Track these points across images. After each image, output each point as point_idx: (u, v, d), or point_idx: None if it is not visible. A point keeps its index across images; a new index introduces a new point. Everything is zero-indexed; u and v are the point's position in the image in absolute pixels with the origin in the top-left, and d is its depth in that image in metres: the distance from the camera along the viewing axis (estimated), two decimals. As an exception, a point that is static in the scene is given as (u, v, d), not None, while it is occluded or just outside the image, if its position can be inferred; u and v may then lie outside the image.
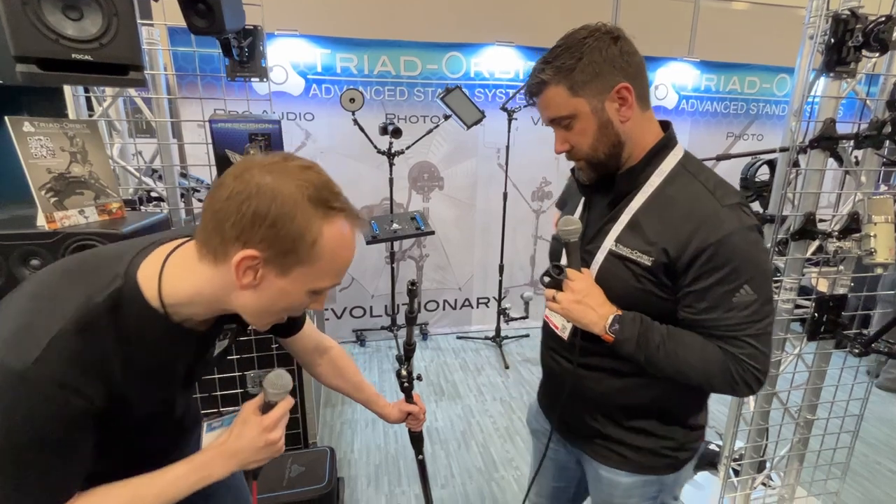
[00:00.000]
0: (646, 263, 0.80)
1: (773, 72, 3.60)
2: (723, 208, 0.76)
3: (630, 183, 0.84)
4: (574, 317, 0.84)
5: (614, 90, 0.78)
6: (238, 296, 0.61)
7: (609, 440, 0.94)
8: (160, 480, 0.65)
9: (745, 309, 0.76)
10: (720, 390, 0.81)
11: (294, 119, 2.86)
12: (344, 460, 2.13)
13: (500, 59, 3.08)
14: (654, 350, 0.80)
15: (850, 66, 1.35)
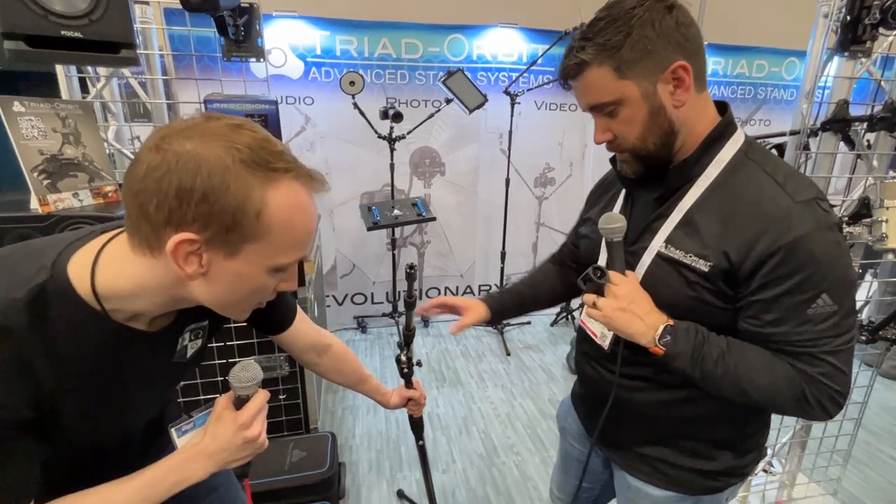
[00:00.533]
0: (702, 269, 0.69)
1: (783, 55, 3.52)
2: (795, 204, 0.64)
3: (683, 176, 0.73)
4: (617, 326, 0.74)
5: (669, 70, 0.67)
6: (192, 287, 0.54)
7: (647, 455, 0.85)
8: (133, 484, 0.59)
9: (822, 322, 0.65)
10: (789, 412, 0.70)
11: (293, 103, 2.81)
12: (345, 446, 2.14)
13: (503, 42, 3.02)
14: (711, 366, 0.69)
15: (866, 45, 1.31)
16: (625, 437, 0.88)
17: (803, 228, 0.63)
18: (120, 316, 0.56)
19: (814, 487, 1.89)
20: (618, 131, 0.72)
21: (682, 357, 0.70)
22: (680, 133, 0.71)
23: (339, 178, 3.00)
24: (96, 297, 0.53)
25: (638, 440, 0.86)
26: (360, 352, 3.00)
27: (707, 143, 0.72)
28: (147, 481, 0.60)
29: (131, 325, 0.58)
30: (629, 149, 0.74)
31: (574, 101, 3.31)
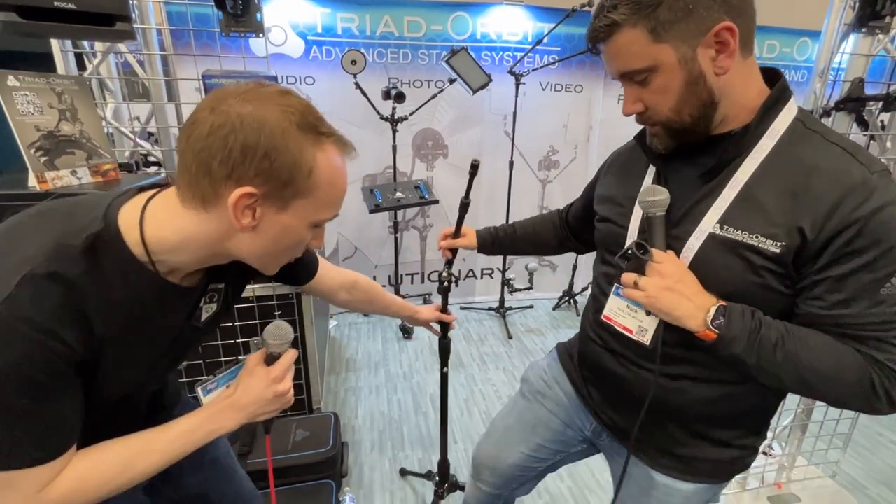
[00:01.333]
0: (772, 251, 0.62)
1: (795, 35, 3.43)
2: (873, 175, 0.59)
3: (738, 147, 0.65)
4: (662, 307, 0.67)
5: (712, 32, 0.60)
6: (238, 240, 0.57)
7: (674, 449, 0.81)
8: (168, 434, 0.63)
9: (894, 304, 0.59)
10: (851, 405, 0.64)
11: (294, 83, 2.77)
12: (348, 426, 2.16)
13: (508, 20, 2.94)
14: (769, 352, 0.63)
15: (885, 21, 1.26)
16: (655, 436, 0.82)
17: (882, 200, 0.58)
18: (161, 269, 0.58)
19: (813, 470, 1.91)
20: (650, 102, 0.66)
21: (738, 341, 0.63)
22: (721, 104, 0.64)
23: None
24: (145, 248, 0.56)
25: (670, 440, 0.81)
26: (363, 335, 3.02)
27: (767, 107, 0.65)
28: (182, 431, 0.64)
29: (168, 279, 0.60)
30: (662, 121, 0.67)
31: (580, 82, 3.27)
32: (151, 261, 0.57)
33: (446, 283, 1.20)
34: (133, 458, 0.61)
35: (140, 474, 0.61)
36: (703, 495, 0.84)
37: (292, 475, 1.60)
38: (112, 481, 0.59)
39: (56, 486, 0.55)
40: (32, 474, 0.53)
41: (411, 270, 3.38)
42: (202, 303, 0.70)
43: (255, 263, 0.62)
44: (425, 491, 1.78)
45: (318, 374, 1.96)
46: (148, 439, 0.62)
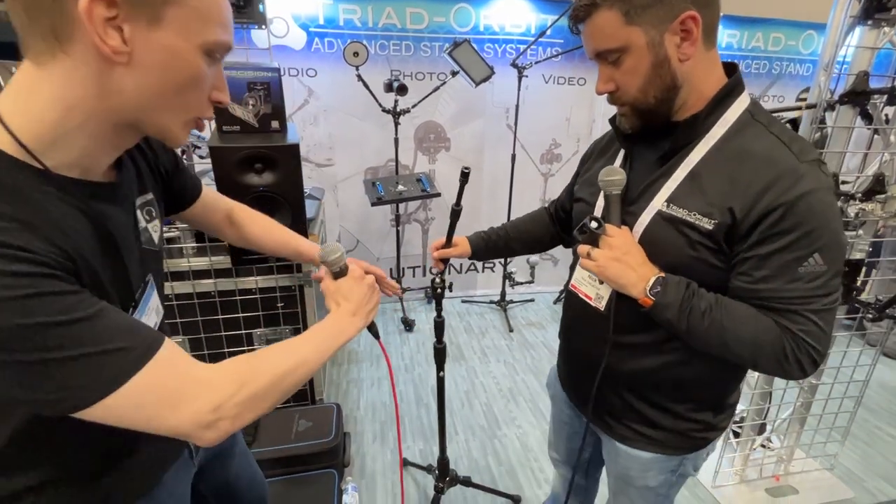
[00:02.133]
0: (706, 227, 0.69)
1: (801, 28, 3.40)
2: (802, 164, 0.65)
3: (691, 133, 0.72)
4: (610, 275, 0.74)
5: (678, 20, 0.66)
6: (121, 84, 0.46)
7: (632, 420, 0.88)
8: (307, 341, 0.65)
9: (812, 280, 0.66)
10: (767, 369, 0.71)
11: (296, 75, 2.76)
12: (350, 417, 2.18)
13: (511, 12, 2.92)
14: (698, 318, 0.70)
15: (892, 13, 1.25)
16: (614, 406, 0.90)
17: (807, 186, 0.64)
18: (55, 166, 0.48)
19: (811, 462, 1.92)
20: (620, 82, 0.71)
21: (671, 308, 0.71)
22: (682, 89, 0.70)
23: (343, 152, 2.97)
24: (22, 146, 0.45)
25: (626, 408, 0.88)
26: (365, 327, 3.03)
27: (717, 100, 0.71)
28: (311, 330, 0.67)
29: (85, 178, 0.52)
30: (630, 101, 0.73)
31: (583, 75, 3.25)
32: (40, 162, 0.46)
33: (439, 290, 1.20)
34: (268, 359, 0.59)
35: (304, 373, 0.61)
36: (666, 464, 0.89)
37: (295, 465, 1.62)
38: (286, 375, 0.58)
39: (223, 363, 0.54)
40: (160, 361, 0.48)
41: (413, 263, 3.38)
42: (143, 221, 0.64)
43: (155, 120, 0.51)
44: (426, 482, 1.80)
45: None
46: (279, 345, 0.63)
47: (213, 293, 1.72)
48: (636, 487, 0.93)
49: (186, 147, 1.83)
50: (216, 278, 1.71)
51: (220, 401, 0.51)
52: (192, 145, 1.86)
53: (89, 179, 0.53)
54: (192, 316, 1.72)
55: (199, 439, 0.51)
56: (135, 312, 0.62)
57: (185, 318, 1.72)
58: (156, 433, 0.49)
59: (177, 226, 1.73)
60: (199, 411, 0.50)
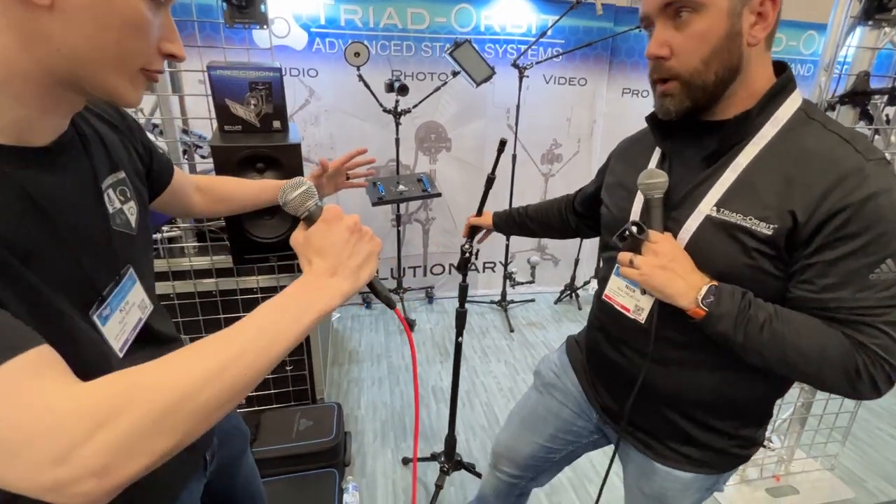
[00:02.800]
0: (764, 233, 0.63)
1: (802, 28, 3.40)
2: (868, 162, 0.60)
3: (741, 131, 0.67)
4: (656, 285, 0.69)
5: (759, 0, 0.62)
6: (43, 32, 0.40)
7: (675, 440, 0.82)
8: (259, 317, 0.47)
9: (885, 290, 0.60)
10: (834, 387, 0.65)
11: (297, 75, 2.76)
12: (351, 416, 2.19)
13: (512, 12, 2.93)
14: (756, 331, 0.64)
15: (892, 14, 1.25)
16: (654, 425, 0.83)
17: (876, 187, 0.58)
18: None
19: (811, 463, 1.92)
20: (682, 47, 0.64)
21: (726, 319, 0.65)
22: (738, 77, 0.65)
23: (344, 152, 2.96)
24: None
25: (668, 427, 0.82)
26: (365, 326, 3.04)
27: (771, 95, 0.66)
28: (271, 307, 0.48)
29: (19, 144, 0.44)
30: (690, 72, 0.65)
31: (584, 75, 3.25)
32: None
33: (467, 255, 1.30)
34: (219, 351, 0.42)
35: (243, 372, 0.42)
36: (704, 483, 0.85)
37: (296, 464, 1.63)
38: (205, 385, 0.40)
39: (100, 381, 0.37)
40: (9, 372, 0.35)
41: (414, 263, 3.39)
42: (116, 201, 0.56)
43: (95, 75, 0.44)
44: (428, 481, 1.80)
45: (321, 364, 1.98)
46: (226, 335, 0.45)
47: (214, 292, 1.73)
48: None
49: (188, 146, 1.83)
50: (217, 277, 1.71)
51: (67, 446, 0.33)
52: (194, 145, 1.87)
53: (22, 145, 0.45)
54: (193, 315, 1.72)
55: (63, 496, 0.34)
56: (101, 308, 0.52)
57: (187, 318, 1.72)
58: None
59: (178, 225, 1.74)
60: (37, 464, 0.32)
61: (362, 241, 0.57)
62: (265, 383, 1.86)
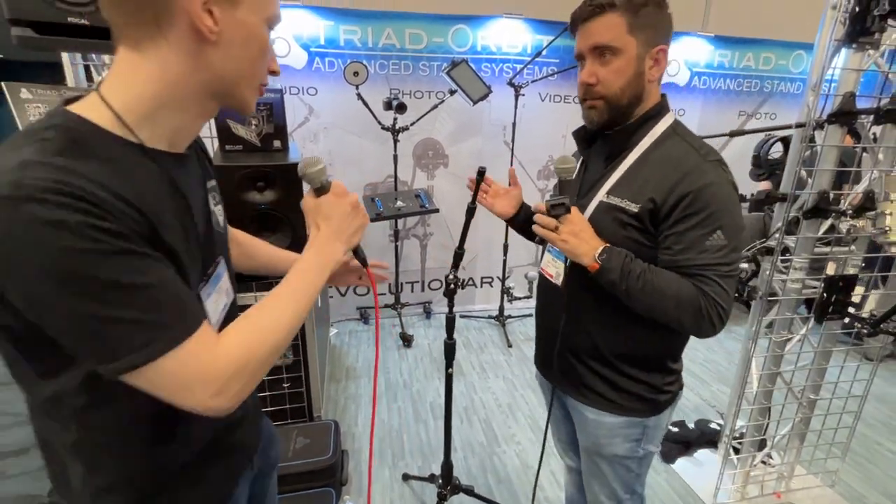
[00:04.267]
0: (632, 210, 0.88)
1: (790, 48, 3.49)
2: (705, 162, 0.85)
3: (625, 141, 0.93)
4: (570, 247, 0.90)
5: (657, 48, 0.87)
6: (211, 61, 0.54)
7: (597, 385, 1.03)
8: (290, 282, 0.63)
9: (716, 252, 0.84)
10: (688, 327, 0.87)
11: (297, 93, 2.81)
12: (348, 434, 2.16)
13: (507, 33, 2.99)
14: (634, 280, 0.86)
15: (875, 37, 1.30)
16: (576, 373, 1.05)
17: (709, 178, 0.84)
18: (151, 141, 0.55)
19: (812, 479, 1.91)
20: (604, 78, 0.88)
21: (614, 270, 0.87)
22: (641, 102, 0.91)
23: (343, 169, 3.00)
24: (122, 122, 0.52)
25: (588, 372, 1.03)
26: (363, 342, 3.02)
27: (647, 118, 0.92)
28: (300, 269, 0.65)
29: (171, 150, 0.58)
30: (609, 96, 0.89)
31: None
32: (136, 136, 0.53)
33: (452, 286, 1.29)
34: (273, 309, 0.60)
35: (287, 325, 0.60)
36: (629, 431, 1.03)
37: (293, 483, 1.61)
38: (269, 336, 0.58)
39: (226, 349, 0.54)
40: (196, 341, 0.51)
41: (411, 279, 3.39)
42: (211, 204, 0.69)
43: (237, 89, 0.59)
44: (425, 496, 1.78)
45: (318, 381, 1.97)
46: (273, 294, 0.61)
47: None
48: (606, 459, 1.06)
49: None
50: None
51: (220, 387, 0.53)
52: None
53: (172, 152, 0.59)
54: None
55: (216, 411, 0.54)
56: (206, 286, 0.64)
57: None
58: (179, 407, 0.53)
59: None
60: (204, 396, 0.53)
61: (358, 216, 0.73)
62: (262, 401, 1.85)
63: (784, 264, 1.59)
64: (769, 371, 1.69)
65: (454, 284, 1.31)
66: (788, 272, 1.57)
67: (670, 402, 1.04)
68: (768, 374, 1.70)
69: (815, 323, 1.59)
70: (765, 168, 1.76)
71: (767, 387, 1.72)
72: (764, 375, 1.71)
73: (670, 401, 1.04)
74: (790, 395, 1.75)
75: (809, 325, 1.64)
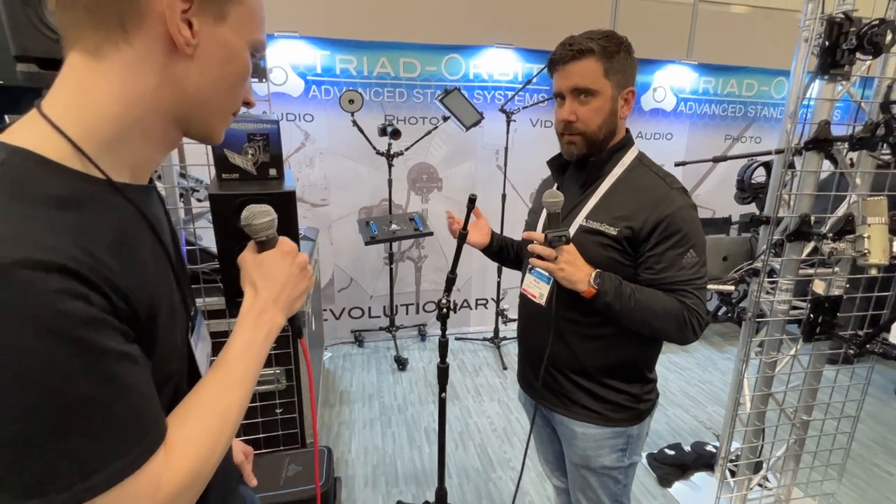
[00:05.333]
0: (612, 233, 0.98)
1: (771, 74, 3.61)
2: (672, 190, 0.98)
3: (599, 170, 1.04)
4: (566, 274, 0.96)
5: (627, 90, 0.99)
6: (182, 76, 0.47)
7: (582, 398, 1.09)
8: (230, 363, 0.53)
9: (691, 268, 0.96)
10: (673, 336, 0.98)
11: (293, 120, 2.87)
12: (341, 460, 2.13)
13: (498, 61, 3.10)
14: (627, 299, 0.95)
15: (845, 69, 1.36)
16: (563, 385, 1.10)
17: (678, 204, 0.96)
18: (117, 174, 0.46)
19: (809, 502, 1.90)
20: (584, 116, 0.99)
21: (609, 293, 0.96)
22: (614, 137, 1.03)
23: (338, 193, 3.05)
24: (82, 153, 0.42)
25: (572, 386, 1.09)
26: (357, 366, 3.01)
27: (615, 149, 1.04)
28: (242, 348, 0.55)
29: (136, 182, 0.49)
30: (587, 132, 1.00)
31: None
32: (94, 162, 0.43)
33: (444, 310, 1.31)
34: (222, 402, 0.51)
35: (237, 418, 0.52)
36: (614, 441, 1.09)
37: (284, 512, 1.58)
38: (220, 437, 0.49)
39: (170, 476, 0.44)
40: (145, 474, 0.41)
41: (406, 301, 3.40)
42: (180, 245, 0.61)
43: (206, 114, 0.51)
44: (419, 528, 1.75)
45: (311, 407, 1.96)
46: (214, 380, 0.52)
47: (205, 334, 1.72)
48: (595, 471, 1.11)
49: (185, 191, 1.88)
50: (209, 319, 1.72)
51: None
52: (191, 189, 1.92)
53: (136, 184, 0.50)
54: (183, 358, 1.71)
55: None
56: (193, 334, 0.59)
57: (177, 361, 1.71)
58: None
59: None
60: None
61: (304, 279, 0.63)
62: (254, 427, 1.83)
63: (771, 285, 1.62)
64: (761, 392, 1.70)
65: (447, 309, 1.32)
66: (775, 293, 1.60)
67: (649, 412, 1.12)
68: (760, 395, 1.70)
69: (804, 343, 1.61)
70: (749, 192, 1.81)
71: (760, 408, 1.72)
72: (756, 396, 1.72)
73: (650, 409, 1.12)
74: (783, 416, 1.75)
75: (799, 345, 1.66)
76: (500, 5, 3.09)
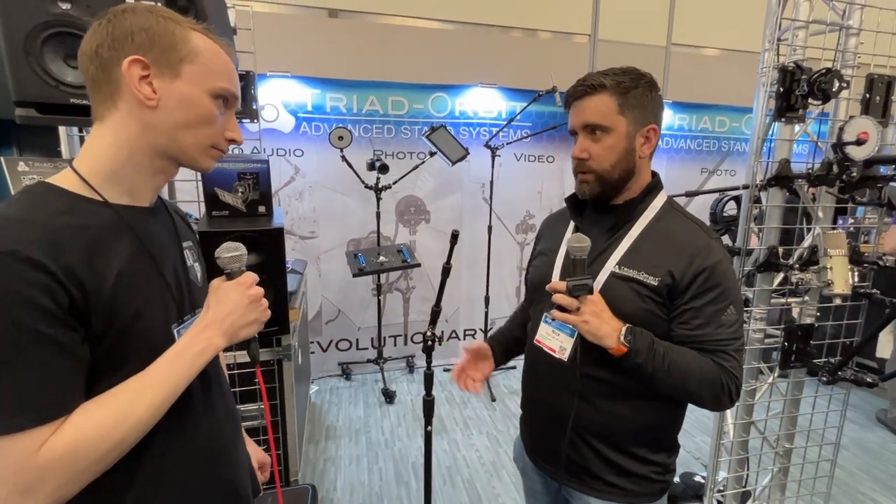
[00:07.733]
0: (652, 283, 0.87)
1: (741, 112, 3.82)
2: (712, 241, 0.89)
3: (630, 213, 0.94)
4: (591, 328, 0.85)
5: (647, 127, 0.90)
6: (156, 124, 0.62)
7: (604, 473, 0.95)
8: (157, 366, 0.61)
9: (730, 327, 0.86)
10: (708, 402, 0.87)
11: (284, 155, 2.94)
12: (326, 499, 2.08)
13: (483, 100, 3.23)
14: (660, 360, 0.84)
15: (799, 112, 1.47)
16: (586, 458, 0.96)
17: (719, 256, 0.87)
18: (118, 198, 0.63)
19: (797, 532, 1.89)
20: (596, 154, 0.90)
21: (641, 353, 0.84)
22: (633, 177, 0.93)
23: (327, 225, 3.09)
24: (87, 184, 0.61)
25: (598, 458, 0.95)
26: (344, 400, 2.96)
27: (648, 190, 0.95)
28: (171, 359, 0.62)
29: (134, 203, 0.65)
30: (600, 171, 0.91)
31: (552, 153, 3.52)
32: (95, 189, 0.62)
33: (430, 343, 1.24)
34: (130, 399, 0.58)
35: (141, 417, 0.58)
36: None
37: (266, 555, 1.53)
38: (114, 430, 0.56)
39: (50, 445, 0.52)
40: (26, 438, 0.51)
41: (394, 332, 3.39)
42: (191, 260, 0.75)
43: (181, 148, 0.65)
44: (406, 569, 1.70)
45: (296, 443, 1.93)
46: (139, 377, 0.60)
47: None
48: None
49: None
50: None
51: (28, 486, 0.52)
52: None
53: (135, 205, 0.66)
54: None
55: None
56: (180, 326, 0.69)
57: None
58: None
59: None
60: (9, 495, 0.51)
61: (254, 311, 0.70)
62: (237, 465, 1.79)
63: (745, 315, 1.68)
64: (742, 420, 1.73)
65: (432, 341, 1.32)
66: (750, 322, 1.65)
67: (669, 485, 0.99)
68: (742, 424, 1.73)
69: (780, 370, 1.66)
70: (721, 224, 1.89)
71: (742, 436, 1.74)
72: (738, 425, 1.74)
73: (672, 478, 1.00)
74: (766, 444, 1.77)
75: (776, 373, 1.70)
76: (485, 48, 3.26)
